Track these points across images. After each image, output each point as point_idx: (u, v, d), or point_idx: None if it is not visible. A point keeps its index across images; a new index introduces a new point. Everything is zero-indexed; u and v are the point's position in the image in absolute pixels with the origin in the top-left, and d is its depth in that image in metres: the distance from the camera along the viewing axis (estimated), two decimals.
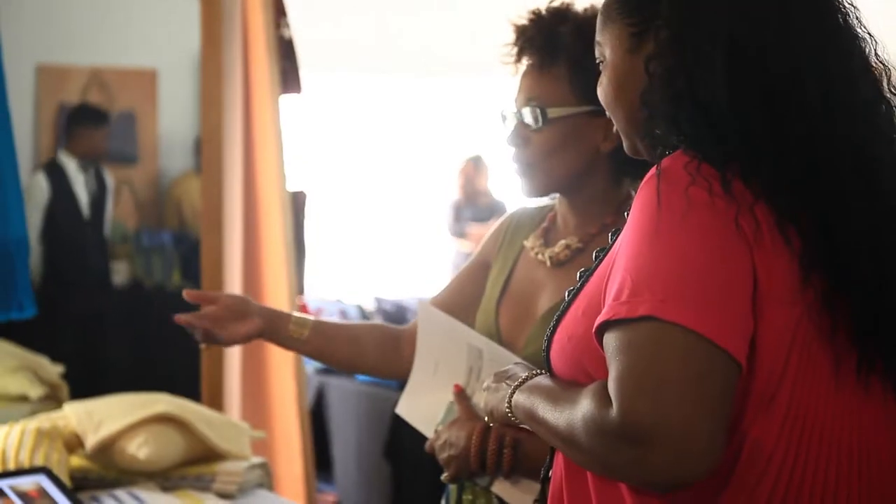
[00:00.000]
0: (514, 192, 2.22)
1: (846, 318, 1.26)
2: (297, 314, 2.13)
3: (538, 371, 1.45)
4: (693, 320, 1.17)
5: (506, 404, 1.45)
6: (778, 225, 1.24)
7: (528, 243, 2.04)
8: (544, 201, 2.09)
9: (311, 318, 2.13)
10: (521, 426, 1.46)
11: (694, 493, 1.22)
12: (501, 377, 1.52)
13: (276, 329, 2.11)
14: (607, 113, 1.45)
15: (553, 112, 1.91)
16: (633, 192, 1.96)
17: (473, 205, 7.81)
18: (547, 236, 2.03)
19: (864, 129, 1.30)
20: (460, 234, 7.70)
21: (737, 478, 1.24)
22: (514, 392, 1.43)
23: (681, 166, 1.25)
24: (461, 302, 2.09)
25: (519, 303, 2.00)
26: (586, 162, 1.94)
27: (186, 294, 2.09)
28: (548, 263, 1.98)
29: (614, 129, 1.47)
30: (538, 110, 1.92)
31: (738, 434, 1.24)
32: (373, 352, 2.15)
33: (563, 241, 1.99)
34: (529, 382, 1.42)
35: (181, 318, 2.05)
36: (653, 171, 1.27)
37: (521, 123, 1.94)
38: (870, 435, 1.29)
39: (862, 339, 1.27)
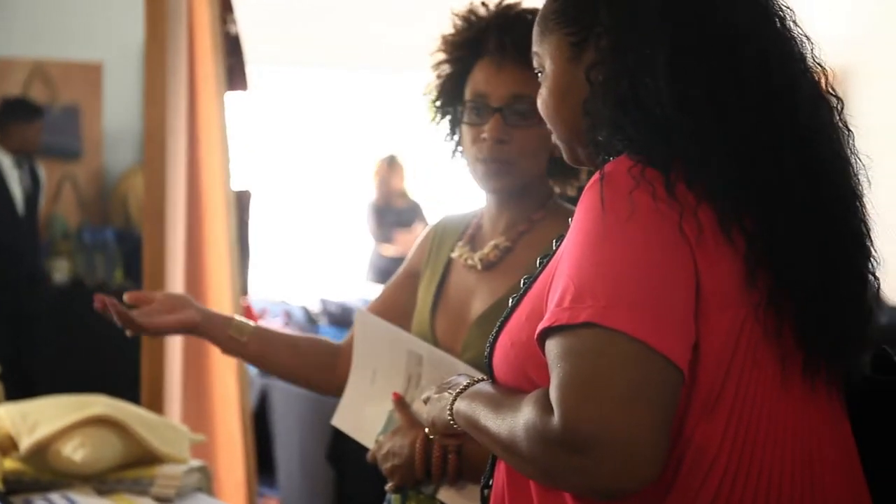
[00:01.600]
0: (431, 192, 2.21)
1: (791, 318, 1.26)
2: (238, 318, 2.09)
3: (480, 378, 1.44)
4: (635, 327, 1.16)
5: (448, 413, 1.43)
6: (721, 226, 1.23)
7: (454, 255, 2.03)
8: (469, 208, 2.09)
9: (253, 323, 2.09)
10: (463, 434, 1.44)
11: (637, 499, 1.21)
12: (444, 387, 1.50)
13: (214, 327, 2.05)
14: (547, 123, 1.44)
15: None
16: (556, 189, 2.00)
17: (392, 207, 7.77)
18: (473, 242, 2.03)
19: (807, 127, 1.31)
20: (386, 238, 7.66)
21: (680, 483, 1.23)
22: (455, 399, 1.42)
23: (624, 170, 1.24)
24: (395, 312, 2.08)
25: (453, 310, 1.99)
26: (545, 164, 1.96)
27: (127, 296, 2.04)
28: (478, 266, 1.97)
29: (552, 137, 1.46)
30: (532, 105, 1.89)
31: (682, 439, 1.23)
32: (311, 363, 2.11)
33: (491, 242, 1.98)
34: (471, 389, 1.41)
35: (100, 298, 1.98)
36: (596, 176, 1.26)
37: (505, 118, 1.91)
38: (815, 437, 1.29)
39: (807, 340, 1.27)
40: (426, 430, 1.58)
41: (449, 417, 1.43)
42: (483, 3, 2.00)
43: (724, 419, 1.24)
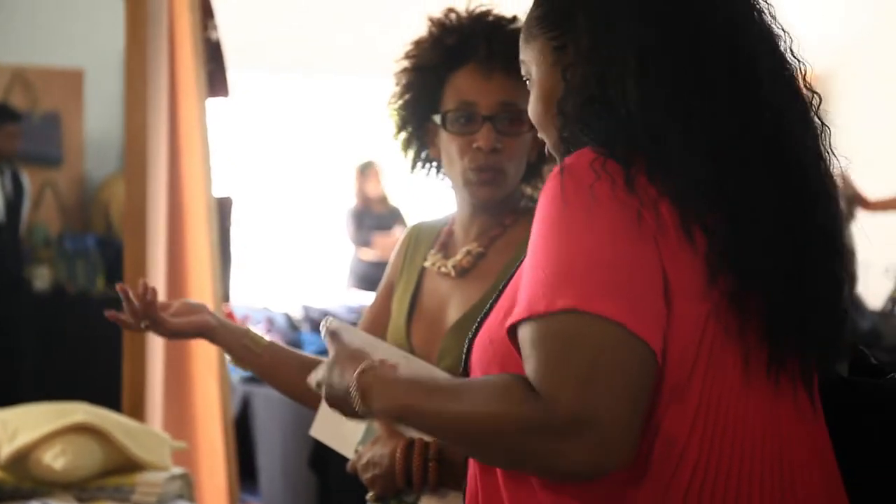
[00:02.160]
0: (412, 197, 2.19)
1: (756, 317, 1.27)
2: (254, 330, 2.05)
3: (379, 362, 1.39)
4: (612, 311, 1.18)
5: (357, 406, 1.37)
6: (683, 224, 1.24)
7: (427, 263, 2.02)
8: (443, 213, 2.08)
9: (268, 338, 2.07)
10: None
11: (611, 486, 1.22)
12: (353, 356, 1.43)
13: (229, 334, 2.01)
14: (538, 131, 1.44)
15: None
16: (527, 192, 1.99)
17: (371, 212, 7.78)
18: (446, 249, 2.02)
19: (776, 128, 1.31)
20: (364, 242, 7.67)
21: (652, 471, 1.24)
22: (367, 393, 1.36)
23: (586, 163, 1.25)
24: (384, 326, 2.05)
25: (428, 319, 1.98)
26: (524, 170, 1.96)
27: (150, 293, 1.96)
28: (452, 273, 1.97)
29: (546, 147, 1.46)
30: (519, 113, 1.89)
31: (651, 427, 1.23)
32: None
33: (464, 249, 1.97)
34: (399, 376, 1.36)
35: (122, 286, 1.95)
36: (556, 168, 1.27)
37: (495, 127, 1.90)
38: (784, 436, 1.29)
39: (772, 339, 1.28)
40: (319, 390, 1.52)
41: (360, 409, 1.37)
42: (451, 10, 1.98)
43: (693, 409, 1.24)
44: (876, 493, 1.39)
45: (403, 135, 2.03)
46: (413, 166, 2.05)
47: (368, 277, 7.29)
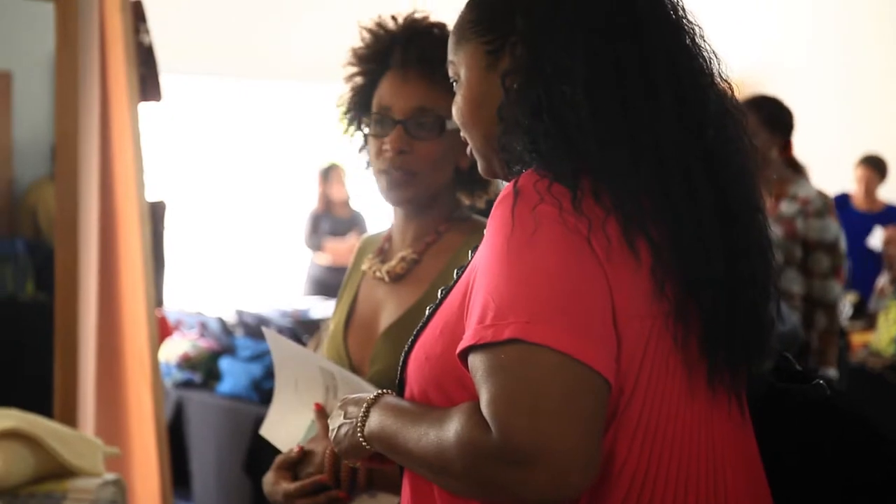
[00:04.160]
0: (374, 202, 2.23)
1: (697, 327, 1.29)
2: None
3: (382, 392, 1.42)
4: (559, 341, 1.18)
5: (359, 436, 1.40)
6: (627, 237, 1.25)
7: (364, 267, 2.05)
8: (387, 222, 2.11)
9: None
10: (379, 457, 1.41)
11: None
12: (346, 403, 1.46)
13: None
14: (462, 131, 1.45)
15: (450, 124, 1.92)
16: (466, 201, 2.03)
17: (331, 216, 7.78)
18: (383, 255, 2.06)
19: (714, 139, 1.33)
20: (317, 246, 7.67)
21: (588, 488, 1.24)
22: (364, 422, 1.40)
23: (531, 185, 1.26)
24: None
25: (364, 324, 2.01)
26: (451, 176, 1.98)
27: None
28: (386, 279, 1.99)
29: (468, 149, 1.47)
30: (436, 119, 1.92)
31: None
32: None
33: (399, 254, 2.00)
34: (379, 409, 1.38)
35: None
36: (507, 189, 1.28)
37: (407, 130, 1.93)
38: (720, 443, 1.32)
39: (711, 349, 1.30)
40: (345, 461, 1.57)
41: (361, 440, 1.40)
42: (393, 17, 2.03)
43: (632, 427, 1.26)
44: (802, 499, 1.41)
45: (353, 137, 2.07)
46: (366, 168, 2.09)
47: (323, 282, 7.29)
